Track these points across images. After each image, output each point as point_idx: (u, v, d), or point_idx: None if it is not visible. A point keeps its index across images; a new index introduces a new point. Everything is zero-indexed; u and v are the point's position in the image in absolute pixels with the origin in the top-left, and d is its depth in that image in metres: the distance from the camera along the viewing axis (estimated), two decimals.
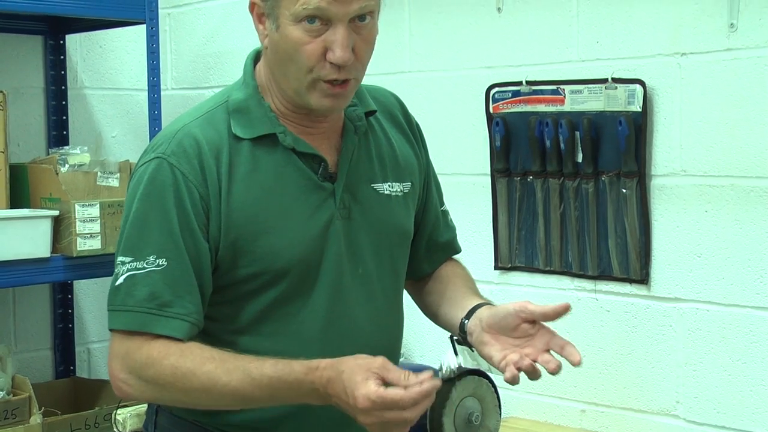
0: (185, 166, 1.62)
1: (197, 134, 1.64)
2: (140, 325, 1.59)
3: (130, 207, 1.63)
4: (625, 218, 2.41)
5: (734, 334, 2.27)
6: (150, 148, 1.67)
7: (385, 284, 1.79)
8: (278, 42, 1.63)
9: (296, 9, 1.58)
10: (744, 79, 2.22)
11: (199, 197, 1.62)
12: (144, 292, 1.59)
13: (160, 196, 1.61)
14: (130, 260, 1.60)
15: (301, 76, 1.62)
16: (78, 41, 3.40)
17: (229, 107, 1.69)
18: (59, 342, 3.37)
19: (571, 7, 2.50)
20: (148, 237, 1.61)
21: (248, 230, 1.64)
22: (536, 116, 2.52)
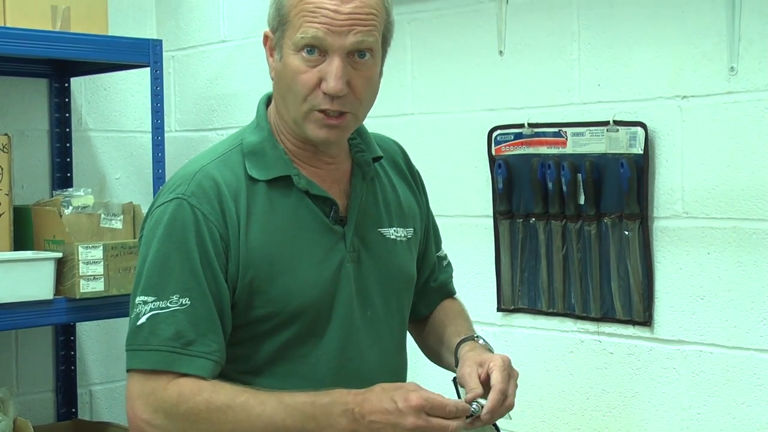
0: (206, 206, 1.64)
1: (216, 175, 1.67)
2: (166, 364, 1.59)
3: (149, 247, 1.65)
4: (628, 260, 2.41)
5: (738, 376, 2.26)
6: (167, 189, 1.69)
7: (392, 326, 1.83)
8: (281, 71, 1.68)
9: (296, 38, 1.64)
10: (745, 122, 2.23)
11: (219, 237, 1.64)
12: (169, 331, 1.60)
13: (181, 236, 1.63)
14: (153, 299, 1.61)
15: (297, 105, 1.67)
16: (83, 84, 3.43)
17: (243, 149, 1.72)
18: (61, 384, 3.36)
19: (572, 50, 2.52)
20: (170, 276, 1.62)
21: (265, 271, 1.67)
22: (538, 158, 2.53)
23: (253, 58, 3.30)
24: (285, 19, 1.66)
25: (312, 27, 1.63)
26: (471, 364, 1.73)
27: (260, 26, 3.23)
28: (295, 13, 1.65)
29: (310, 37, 1.63)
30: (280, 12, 1.68)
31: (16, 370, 3.28)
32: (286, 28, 1.66)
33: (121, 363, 3.63)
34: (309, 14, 1.64)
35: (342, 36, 1.64)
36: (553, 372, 2.58)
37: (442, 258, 2.01)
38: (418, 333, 1.98)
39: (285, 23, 1.66)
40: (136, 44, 3.01)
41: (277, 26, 1.69)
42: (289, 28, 1.66)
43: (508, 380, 1.66)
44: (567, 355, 2.55)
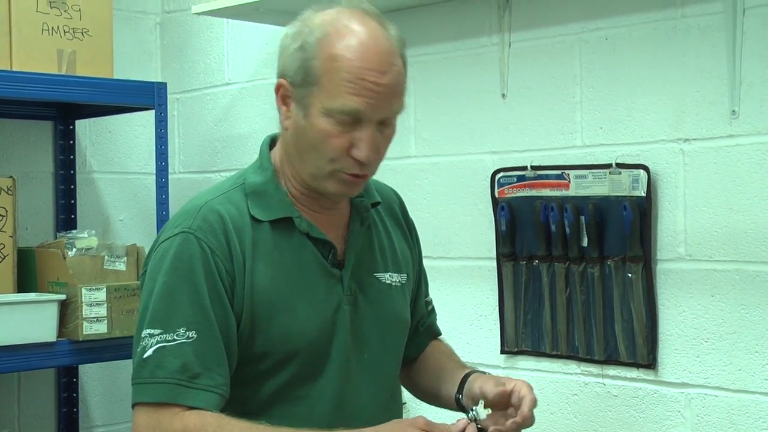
0: (212, 240, 1.64)
1: (221, 211, 1.67)
2: (172, 397, 1.59)
3: (155, 280, 1.64)
4: (632, 302, 2.41)
5: (743, 420, 2.25)
6: (172, 224, 1.69)
7: (387, 369, 1.84)
8: (304, 129, 1.66)
9: (333, 106, 1.62)
10: (747, 165, 2.24)
11: (225, 272, 1.65)
12: (175, 364, 1.59)
13: (188, 270, 1.63)
14: (160, 332, 1.60)
15: (321, 165, 1.67)
16: (87, 126, 3.44)
17: (246, 189, 1.73)
18: (63, 426, 3.34)
19: (574, 94, 2.53)
20: (177, 309, 1.61)
21: (266, 309, 1.67)
22: (541, 201, 2.54)
23: (256, 100, 3.32)
24: (315, 79, 1.63)
25: (353, 101, 1.62)
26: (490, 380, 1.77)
27: (264, 69, 3.27)
28: (331, 78, 1.62)
29: (351, 109, 1.63)
30: (307, 69, 1.64)
31: (18, 412, 3.27)
32: (316, 88, 1.63)
33: (124, 406, 3.63)
34: (349, 85, 1.62)
35: (379, 109, 1.65)
36: (557, 414, 2.57)
37: (429, 302, 2.03)
38: (406, 374, 1.99)
39: (314, 83, 1.63)
40: (141, 87, 3.03)
41: (301, 82, 1.65)
42: (322, 90, 1.63)
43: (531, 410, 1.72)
44: (571, 398, 2.54)
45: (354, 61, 1.63)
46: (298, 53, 1.65)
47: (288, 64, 1.67)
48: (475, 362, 2.70)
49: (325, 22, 1.66)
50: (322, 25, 1.65)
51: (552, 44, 2.57)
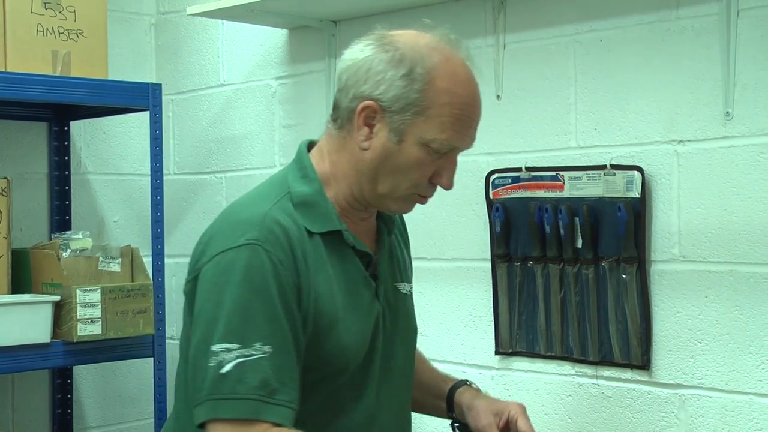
0: (280, 253, 1.62)
1: (282, 222, 1.65)
2: (255, 413, 1.56)
3: (222, 293, 1.60)
4: (626, 304, 2.41)
5: (737, 420, 2.26)
6: (231, 233, 1.64)
7: (407, 378, 1.88)
8: (393, 153, 1.67)
9: (434, 137, 1.65)
10: (741, 166, 2.24)
11: (293, 285, 1.63)
12: (256, 380, 1.56)
13: (262, 283, 1.60)
14: (238, 347, 1.56)
15: (401, 188, 1.69)
16: (82, 128, 3.44)
17: (293, 199, 1.70)
18: (57, 428, 3.34)
19: (569, 95, 2.54)
20: (253, 323, 1.58)
21: (325, 323, 1.66)
22: (536, 202, 2.54)
23: (251, 101, 3.32)
24: (420, 108, 1.64)
25: (455, 137, 1.67)
26: (487, 414, 1.84)
27: (259, 70, 3.27)
28: (440, 112, 1.65)
29: (451, 146, 1.68)
30: (413, 98, 1.64)
31: (12, 413, 3.26)
32: (419, 117, 1.64)
33: (118, 407, 3.64)
34: (455, 122, 1.66)
35: (470, 142, 1.73)
36: (552, 415, 2.57)
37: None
38: None
39: (419, 112, 1.64)
40: (136, 88, 3.03)
41: (401, 109, 1.65)
42: (426, 120, 1.64)
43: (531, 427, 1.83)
44: (565, 399, 2.55)
45: (463, 98, 1.67)
46: (403, 81, 1.65)
47: (385, 88, 1.65)
48: (470, 363, 2.71)
49: (429, 50, 1.68)
50: (428, 54, 1.67)
51: (547, 46, 2.58)
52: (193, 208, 3.53)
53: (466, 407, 1.90)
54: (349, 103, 1.69)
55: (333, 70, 3.03)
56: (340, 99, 1.72)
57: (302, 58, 3.15)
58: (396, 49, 1.67)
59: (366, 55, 1.69)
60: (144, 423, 3.49)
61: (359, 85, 1.68)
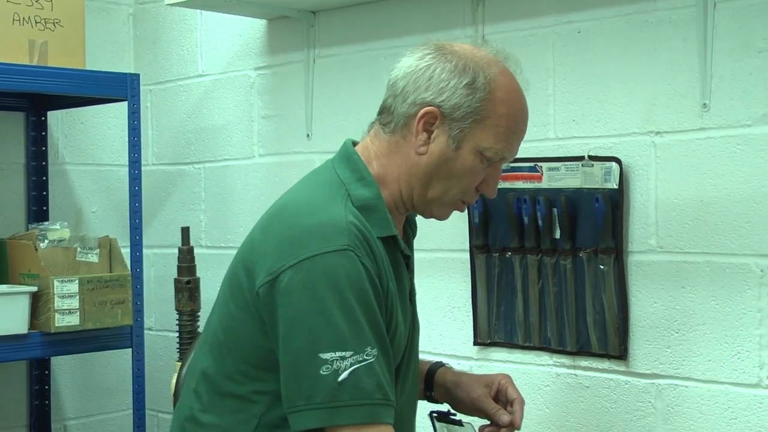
0: (367, 259, 1.65)
1: (360, 227, 1.67)
2: (375, 417, 1.60)
3: (324, 299, 1.60)
4: (603, 294, 2.42)
5: (713, 410, 2.28)
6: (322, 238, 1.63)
7: (417, 371, 1.94)
8: (450, 159, 1.73)
9: (489, 146, 1.73)
10: (717, 158, 2.26)
11: (379, 290, 1.67)
12: (372, 384, 1.59)
13: (361, 289, 1.62)
14: (351, 354, 1.58)
15: (452, 193, 1.77)
16: (59, 118, 3.42)
17: (354, 202, 1.72)
18: (35, 419, 3.33)
19: (547, 87, 2.55)
20: (361, 329, 1.61)
21: (392, 324, 1.72)
22: (514, 193, 2.55)
23: (230, 92, 3.31)
24: (480, 117, 1.72)
25: (508, 149, 1.76)
26: (478, 386, 1.94)
27: (238, 61, 3.27)
28: (497, 122, 1.73)
29: (503, 156, 1.76)
30: (474, 107, 1.71)
31: None
32: (478, 126, 1.72)
33: (97, 398, 3.63)
34: (510, 134, 1.75)
35: (516, 153, 1.81)
36: (529, 405, 2.57)
37: None
38: None
39: (478, 121, 1.72)
40: (114, 78, 3.01)
41: (462, 117, 1.71)
42: (484, 130, 1.72)
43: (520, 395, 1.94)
44: (543, 389, 2.56)
45: (518, 110, 1.77)
46: (466, 89, 1.71)
47: (448, 96, 1.72)
48: (449, 354, 2.71)
49: (489, 62, 1.76)
50: (487, 66, 1.74)
51: (525, 37, 2.58)
52: (171, 199, 3.52)
53: (452, 384, 1.98)
54: (407, 108, 1.74)
55: (312, 61, 3.03)
56: (394, 104, 1.76)
57: (281, 49, 3.15)
58: (459, 58, 1.74)
59: (427, 63, 1.74)
60: (122, 414, 3.48)
61: (420, 91, 1.73)
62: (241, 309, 1.70)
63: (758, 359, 2.21)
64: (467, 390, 1.95)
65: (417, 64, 1.75)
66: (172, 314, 3.17)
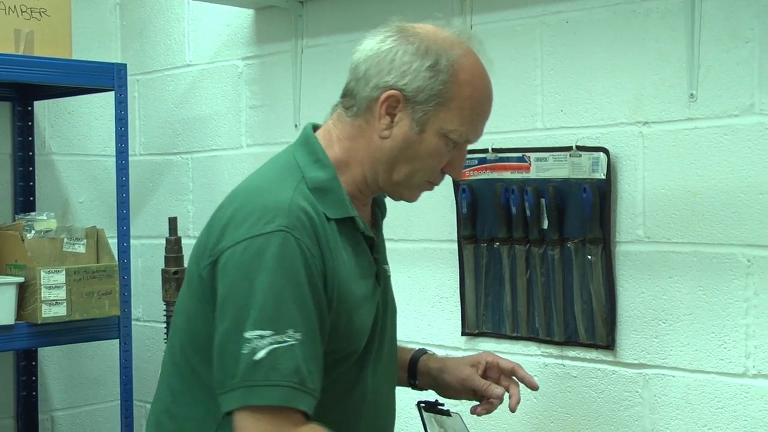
0: (307, 240, 1.62)
1: (307, 209, 1.65)
2: (288, 401, 1.55)
3: (254, 279, 1.59)
4: (591, 284, 2.43)
5: (699, 399, 2.29)
6: (257, 219, 1.63)
7: (394, 356, 1.91)
8: (414, 142, 1.72)
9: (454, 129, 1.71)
10: (705, 148, 2.26)
11: (320, 272, 1.64)
12: (289, 367, 1.56)
13: (293, 270, 1.60)
14: (271, 333, 1.56)
15: (417, 176, 1.75)
16: (46, 107, 3.41)
17: (308, 184, 1.70)
18: (22, 410, 3.32)
19: (535, 77, 2.54)
20: (285, 310, 1.58)
21: (346, 307, 1.69)
22: (502, 183, 2.55)
23: (217, 82, 3.30)
24: (443, 99, 1.69)
25: (472, 130, 1.74)
26: (464, 367, 1.94)
27: (225, 51, 3.25)
28: (460, 105, 1.70)
29: (468, 138, 1.75)
30: (437, 90, 1.69)
31: None
32: (442, 108, 1.70)
33: (84, 389, 3.62)
34: (475, 116, 1.73)
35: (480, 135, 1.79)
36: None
37: None
38: None
39: (442, 103, 1.69)
40: (101, 68, 3.00)
41: (425, 100, 1.69)
42: (448, 112, 1.70)
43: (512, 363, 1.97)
44: None
45: (482, 92, 1.75)
46: (429, 72, 1.69)
47: (410, 79, 1.69)
48: (436, 344, 2.71)
49: (451, 43, 1.72)
50: (450, 47, 1.71)
51: (513, 27, 2.58)
52: (158, 189, 3.51)
53: (437, 371, 1.96)
54: (369, 92, 1.72)
55: (300, 51, 3.02)
56: (357, 88, 1.74)
57: (269, 39, 3.14)
58: (421, 41, 1.71)
59: (389, 46, 1.72)
60: (110, 405, 3.48)
61: (382, 75, 1.71)
62: (195, 296, 1.70)
63: (744, 349, 2.22)
64: (454, 373, 1.94)
65: (379, 47, 1.72)
66: (160, 305, 3.17)
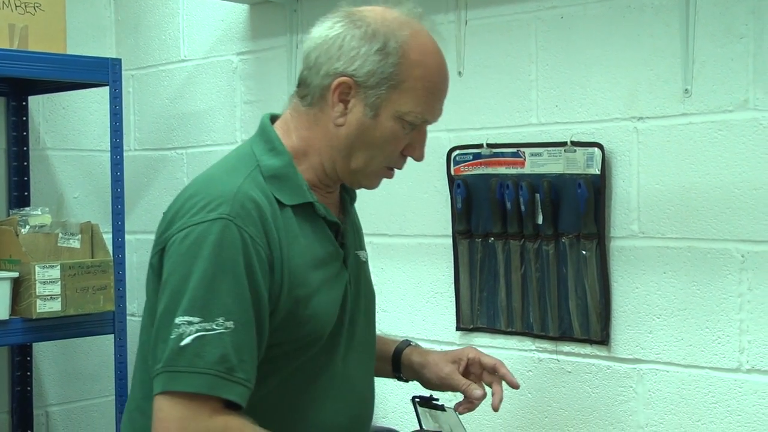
0: (251, 228, 1.61)
1: (254, 197, 1.65)
2: (211, 389, 1.54)
3: (190, 266, 1.59)
4: (585, 280, 2.43)
5: (693, 394, 2.29)
6: (202, 206, 1.63)
7: (370, 343, 1.89)
8: (369, 128, 1.69)
9: (409, 110, 1.68)
10: (699, 144, 2.26)
11: (265, 259, 1.62)
12: (215, 354, 1.55)
13: (230, 258, 1.59)
14: (199, 320, 1.55)
15: (375, 162, 1.72)
16: (41, 102, 3.40)
17: (263, 172, 1.70)
18: (17, 405, 3.32)
19: (530, 72, 2.54)
20: (217, 298, 1.57)
21: (301, 293, 1.67)
22: (497, 178, 2.55)
23: (212, 77, 3.30)
24: (395, 82, 1.66)
25: (429, 110, 1.70)
26: (446, 364, 1.92)
27: (220, 46, 3.25)
28: (413, 86, 1.67)
29: (425, 119, 1.71)
30: (387, 73, 1.66)
31: None
32: (394, 91, 1.67)
33: (79, 384, 3.61)
34: (430, 96, 1.69)
35: (439, 115, 1.75)
36: (512, 390, 2.58)
37: None
38: None
39: (394, 86, 1.66)
40: (95, 63, 2.99)
41: (375, 84, 1.66)
42: (401, 95, 1.67)
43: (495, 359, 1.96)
44: (525, 374, 2.57)
45: (435, 70, 1.71)
46: (378, 55, 1.66)
47: (360, 64, 1.67)
48: (431, 339, 2.72)
49: (400, 24, 1.69)
50: (398, 28, 1.68)
51: (508, 22, 2.58)
52: (153, 185, 3.50)
53: (418, 366, 1.95)
54: (321, 80, 1.70)
55: (295, 46, 3.02)
56: (309, 77, 1.72)
57: (264, 34, 3.14)
58: (368, 24, 1.68)
59: (337, 32, 1.69)
60: (105, 400, 3.48)
61: (332, 62, 1.68)
62: (152, 287, 1.70)
63: (738, 344, 2.23)
64: (434, 370, 1.93)
65: (327, 34, 1.70)
66: None
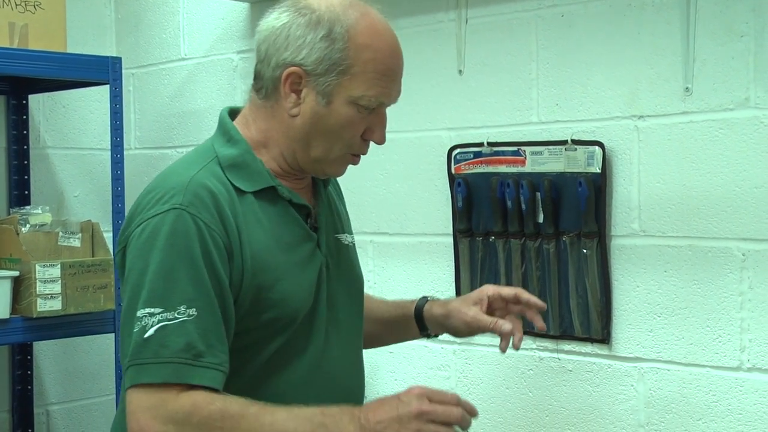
0: (206, 215, 1.62)
1: (208, 184, 1.65)
2: (179, 377, 1.55)
3: (147, 258, 1.60)
4: (586, 278, 2.43)
5: (694, 393, 2.29)
6: (157, 201, 1.65)
7: (355, 328, 1.88)
8: (323, 116, 1.69)
9: (362, 94, 1.67)
10: (700, 142, 2.26)
11: (222, 246, 1.63)
12: (179, 343, 1.56)
13: (185, 246, 1.60)
14: (160, 311, 1.56)
15: (335, 149, 1.71)
16: (41, 101, 3.40)
17: (221, 162, 1.71)
18: (17, 404, 3.32)
19: (530, 70, 2.54)
20: (176, 287, 1.58)
21: (268, 277, 1.67)
22: (497, 177, 2.55)
23: (213, 75, 3.30)
24: (344, 67, 1.65)
25: (383, 93, 1.69)
26: (469, 308, 1.91)
27: (220, 44, 3.25)
28: (363, 69, 1.66)
29: (379, 102, 1.70)
30: (335, 59, 1.65)
31: None
32: (345, 77, 1.66)
33: (79, 383, 3.61)
34: (382, 78, 1.68)
35: (395, 96, 1.74)
36: (513, 389, 2.59)
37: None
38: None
39: (344, 71, 1.66)
40: (96, 61, 2.99)
41: (325, 71, 1.66)
42: (352, 80, 1.66)
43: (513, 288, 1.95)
44: (526, 373, 2.57)
45: (385, 52, 1.69)
46: (324, 42, 1.66)
47: (307, 52, 1.66)
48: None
49: (345, 8, 1.68)
50: (344, 12, 1.67)
51: (509, 20, 2.58)
52: None
53: (442, 317, 1.95)
54: (272, 72, 1.70)
55: None
56: (262, 69, 1.72)
57: None
58: (312, 11, 1.68)
59: (283, 22, 1.69)
60: (105, 399, 3.48)
61: (280, 52, 1.68)
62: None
63: (739, 343, 2.23)
64: (459, 316, 1.91)
65: (273, 25, 1.70)
66: None
